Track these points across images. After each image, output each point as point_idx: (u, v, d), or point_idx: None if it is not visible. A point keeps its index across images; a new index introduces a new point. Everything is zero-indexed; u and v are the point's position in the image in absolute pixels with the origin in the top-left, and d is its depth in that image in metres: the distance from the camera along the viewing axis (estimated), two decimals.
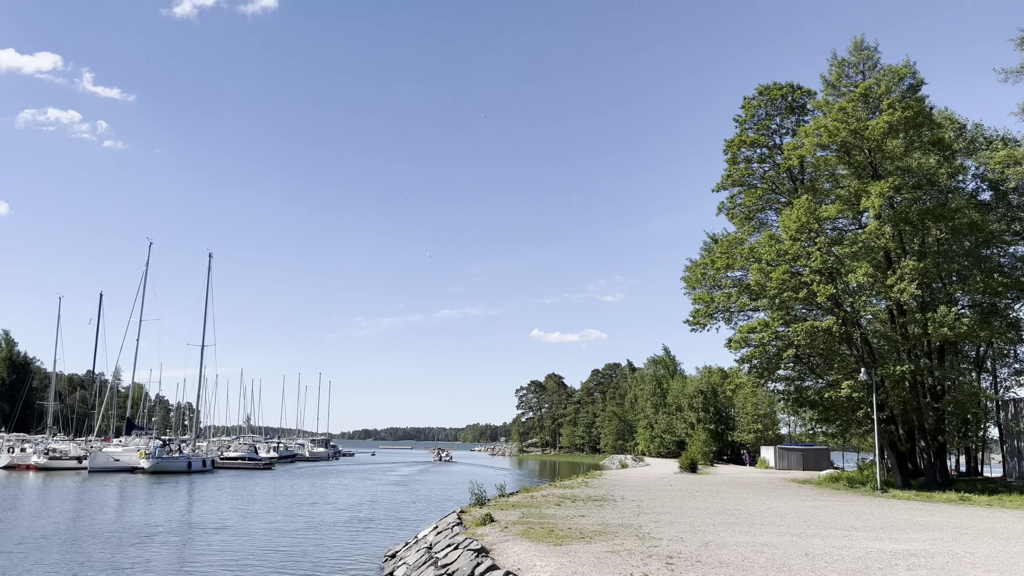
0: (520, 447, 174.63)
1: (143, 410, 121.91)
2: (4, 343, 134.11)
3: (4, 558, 19.38)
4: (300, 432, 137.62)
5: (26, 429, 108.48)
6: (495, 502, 23.94)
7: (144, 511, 32.67)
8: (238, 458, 75.51)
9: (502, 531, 15.81)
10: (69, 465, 61.77)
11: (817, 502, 25.64)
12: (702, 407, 78.68)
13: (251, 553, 20.79)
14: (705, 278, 38.07)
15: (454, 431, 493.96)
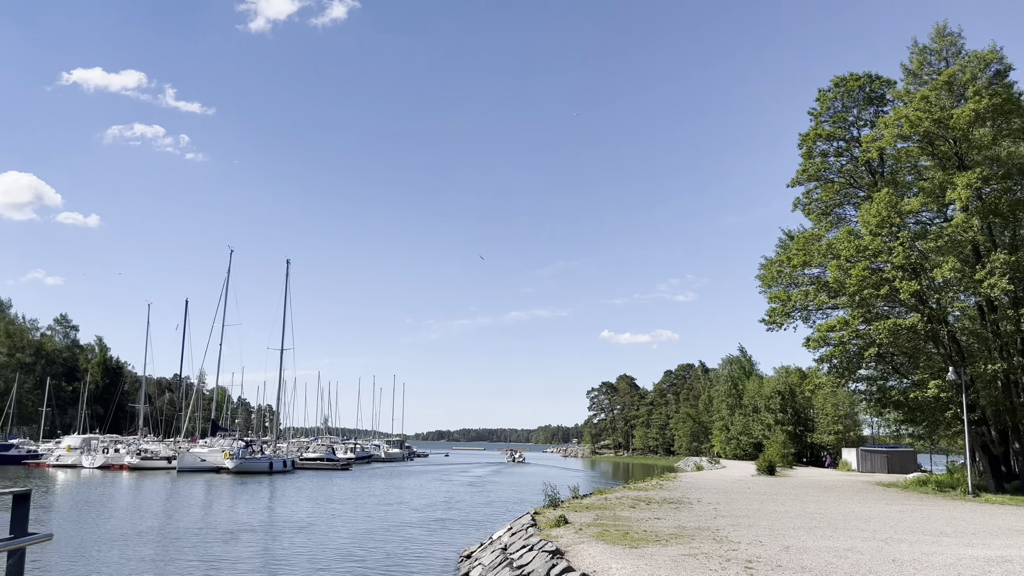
0: (592, 449, 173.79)
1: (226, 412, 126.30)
2: (98, 349, 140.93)
3: (104, 553, 20.40)
4: (376, 433, 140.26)
5: (119, 430, 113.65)
6: (569, 504, 23.94)
7: (230, 510, 33.89)
8: (317, 459, 77.43)
9: (576, 533, 15.82)
10: (160, 465, 64.46)
11: (904, 506, 24.75)
12: (779, 408, 76.83)
13: (331, 552, 21.33)
14: (781, 276, 37.18)
15: (526, 432, 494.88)
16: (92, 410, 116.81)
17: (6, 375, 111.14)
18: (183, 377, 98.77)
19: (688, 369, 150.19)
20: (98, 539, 23.12)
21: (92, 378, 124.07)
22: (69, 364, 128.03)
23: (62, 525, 26.24)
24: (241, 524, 27.78)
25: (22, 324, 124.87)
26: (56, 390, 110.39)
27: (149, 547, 21.77)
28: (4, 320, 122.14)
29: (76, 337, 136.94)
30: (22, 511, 5.55)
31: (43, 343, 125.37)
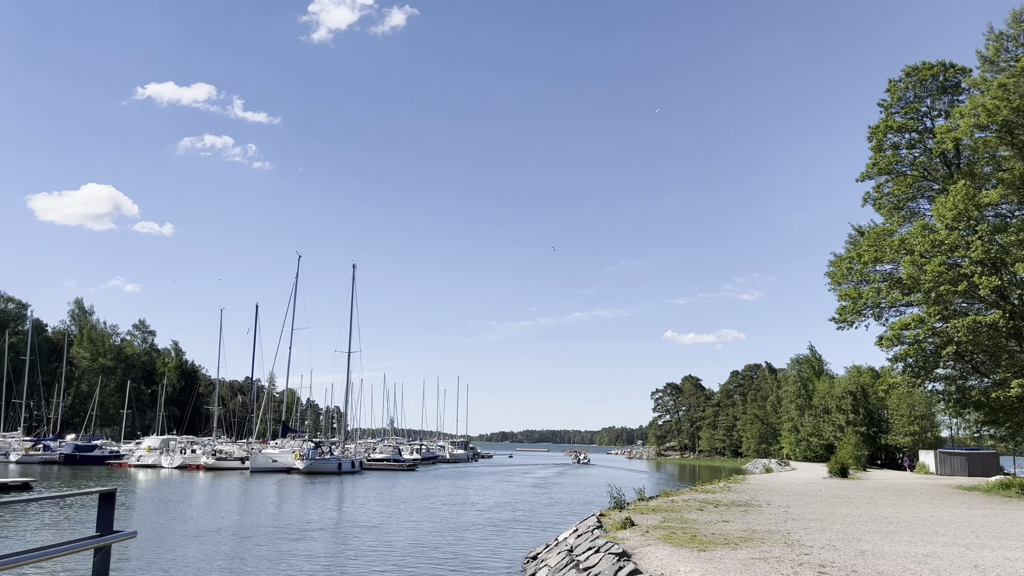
0: (657, 450, 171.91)
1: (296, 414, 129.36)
2: (174, 353, 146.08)
3: (183, 550, 21.13)
4: (440, 434, 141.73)
5: (194, 432, 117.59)
6: (634, 506, 23.74)
7: (300, 509, 34.70)
8: (383, 459, 78.61)
9: (643, 535, 15.68)
10: (233, 465, 66.40)
11: (986, 510, 23.75)
12: (851, 409, 74.65)
13: (399, 551, 21.63)
14: (852, 273, 36.14)
15: (589, 434, 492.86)
16: (169, 412, 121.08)
17: (89, 378, 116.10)
18: (254, 380, 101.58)
19: (755, 369, 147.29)
20: (178, 536, 23.97)
21: (169, 381, 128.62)
22: (147, 368, 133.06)
23: (144, 523, 27.29)
24: (312, 523, 28.42)
25: (104, 330, 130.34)
26: (135, 393, 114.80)
27: (226, 544, 22.47)
28: (87, 326, 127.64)
29: (154, 342, 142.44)
30: (108, 510, 5.79)
31: (123, 348, 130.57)
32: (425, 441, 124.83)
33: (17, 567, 5.03)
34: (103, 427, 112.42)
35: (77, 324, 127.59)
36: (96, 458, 74.14)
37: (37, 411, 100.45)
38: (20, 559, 4.95)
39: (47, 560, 5.08)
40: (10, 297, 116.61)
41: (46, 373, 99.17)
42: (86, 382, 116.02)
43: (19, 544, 21.40)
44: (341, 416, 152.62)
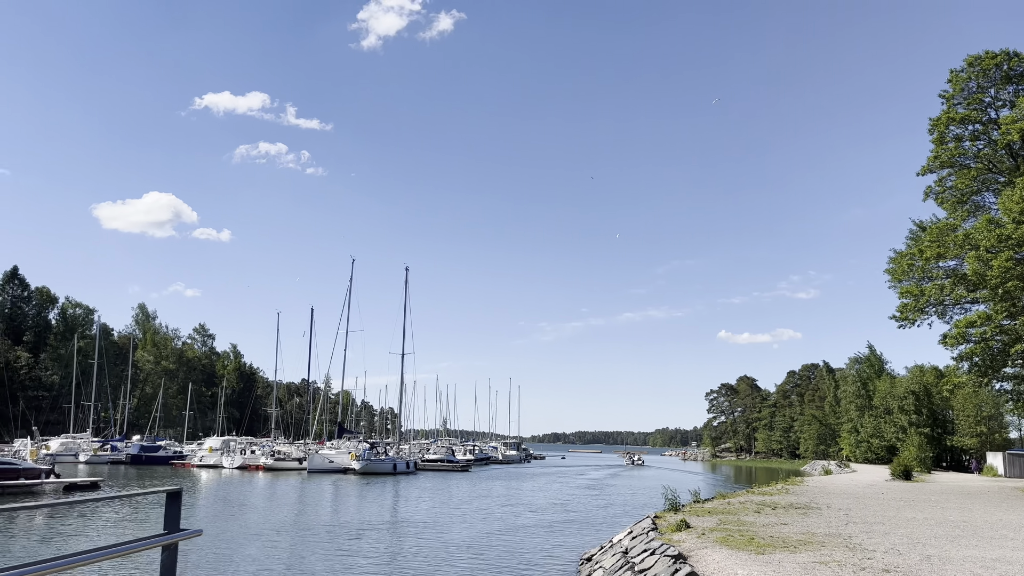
0: (713, 452, 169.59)
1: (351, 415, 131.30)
2: (233, 356, 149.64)
3: (246, 547, 21.64)
4: (492, 435, 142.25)
5: (253, 432, 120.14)
6: (690, 508, 23.49)
7: (357, 508, 35.22)
8: (437, 460, 79.21)
9: (699, 537, 15.51)
10: (291, 466, 67.69)
11: None
12: (914, 409, 72.54)
13: (455, 551, 21.80)
14: (913, 269, 35.14)
15: (643, 435, 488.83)
16: (229, 413, 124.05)
17: (153, 381, 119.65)
18: (310, 382, 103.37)
19: (812, 369, 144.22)
20: (241, 534, 24.57)
21: (228, 383, 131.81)
22: (208, 371, 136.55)
23: (209, 521, 28.04)
24: (369, 522, 28.83)
25: (166, 334, 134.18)
26: (197, 395, 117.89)
27: (287, 542, 22.96)
28: (150, 330, 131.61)
29: (213, 345, 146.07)
30: (175, 508, 5.98)
31: (184, 351, 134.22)
32: (477, 442, 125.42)
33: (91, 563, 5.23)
34: (166, 428, 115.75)
35: (141, 328, 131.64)
36: (161, 458, 76.40)
37: (104, 413, 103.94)
38: (94, 556, 5.16)
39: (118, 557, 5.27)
40: (78, 303, 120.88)
41: (112, 376, 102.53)
42: (150, 384, 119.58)
43: (91, 541, 22.19)
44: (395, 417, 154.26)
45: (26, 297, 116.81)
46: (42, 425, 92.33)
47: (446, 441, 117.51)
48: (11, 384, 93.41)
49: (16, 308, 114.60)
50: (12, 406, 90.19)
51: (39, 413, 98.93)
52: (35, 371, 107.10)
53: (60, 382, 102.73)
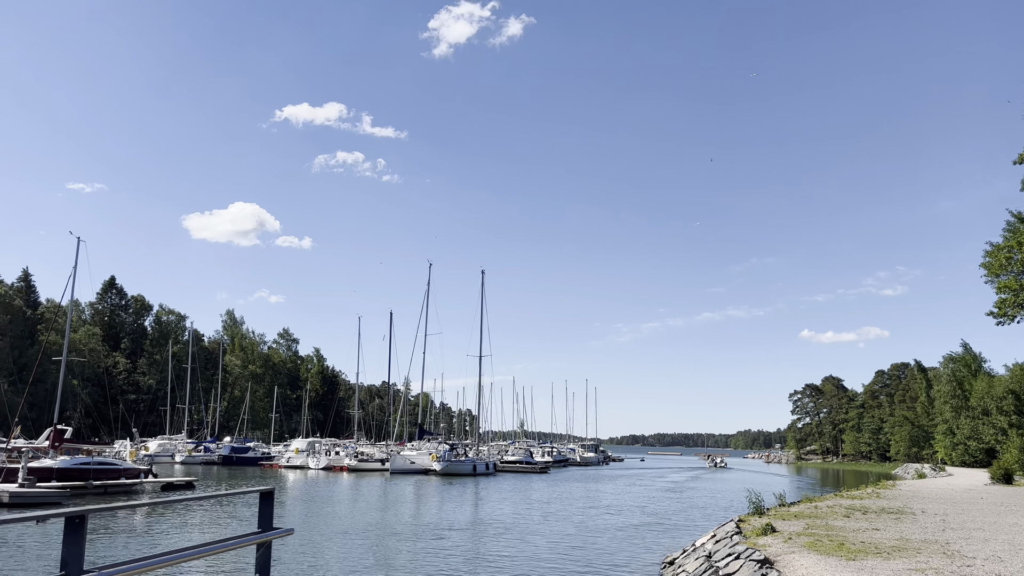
0: (797, 454, 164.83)
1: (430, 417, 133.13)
2: (316, 359, 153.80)
3: (334, 546, 22.24)
4: (570, 437, 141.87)
5: (336, 434, 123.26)
6: (775, 512, 22.93)
7: (439, 509, 35.73)
8: (516, 462, 79.55)
9: (786, 542, 15.13)
10: (374, 467, 69.11)
11: None
12: (1015, 410, 68.82)
13: (536, 552, 21.86)
14: (1012, 263, 33.44)
15: (724, 437, 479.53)
16: (313, 415, 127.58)
17: (241, 384, 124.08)
18: (390, 384, 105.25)
19: (903, 368, 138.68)
20: (330, 533, 25.26)
21: (312, 386, 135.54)
22: (292, 374, 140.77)
23: (298, 520, 28.91)
24: (452, 523, 29.21)
25: (253, 339, 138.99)
26: (282, 398, 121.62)
27: (374, 541, 23.50)
28: (238, 335, 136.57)
29: (297, 349, 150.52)
30: (268, 507, 6.23)
31: (270, 355, 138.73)
32: (555, 444, 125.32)
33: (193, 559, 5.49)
34: (254, 430, 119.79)
35: (229, 334, 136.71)
36: (250, 459, 79.21)
37: (197, 415, 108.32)
38: (195, 552, 5.42)
39: (216, 554, 5.51)
40: (170, 310, 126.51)
41: (203, 380, 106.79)
42: (238, 388, 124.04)
43: (188, 539, 23.16)
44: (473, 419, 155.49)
45: (123, 305, 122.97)
46: (141, 427, 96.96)
47: (523, 443, 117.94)
48: (111, 388, 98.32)
49: (115, 316, 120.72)
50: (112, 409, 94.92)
51: (137, 416, 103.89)
52: (133, 376, 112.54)
53: (156, 386, 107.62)
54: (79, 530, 4.42)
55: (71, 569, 4.34)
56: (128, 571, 4.60)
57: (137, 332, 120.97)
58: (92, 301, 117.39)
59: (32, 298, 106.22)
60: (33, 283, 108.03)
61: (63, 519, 4.44)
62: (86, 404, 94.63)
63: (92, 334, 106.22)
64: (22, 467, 35.06)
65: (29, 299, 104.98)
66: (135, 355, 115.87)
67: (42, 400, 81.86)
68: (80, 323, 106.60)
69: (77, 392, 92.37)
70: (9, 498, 31.91)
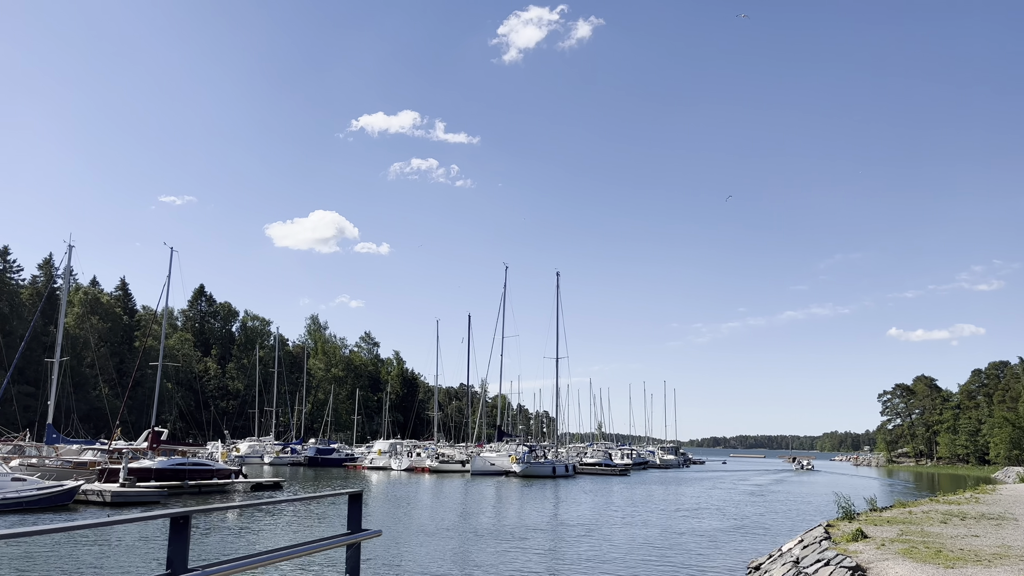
0: (888, 457, 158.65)
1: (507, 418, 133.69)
2: (396, 362, 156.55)
3: (420, 547, 22.62)
4: (649, 439, 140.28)
5: (416, 435, 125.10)
6: (866, 516, 22.17)
7: (520, 510, 35.90)
8: (595, 464, 79.16)
9: (878, 549, 14.61)
10: (455, 468, 69.90)
11: None
12: None
13: (618, 555, 21.74)
14: None
15: (809, 439, 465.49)
16: (393, 417, 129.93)
17: (324, 387, 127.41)
18: (468, 386, 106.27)
19: (1002, 367, 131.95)
20: (414, 533, 25.73)
21: (392, 388, 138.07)
22: (373, 376, 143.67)
23: (384, 521, 29.52)
24: (533, 524, 29.32)
25: (335, 343, 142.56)
26: (364, 400, 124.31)
27: (458, 542, 23.82)
28: (321, 339, 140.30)
29: (377, 352, 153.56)
30: (356, 509, 6.39)
31: (352, 358, 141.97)
32: (634, 446, 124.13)
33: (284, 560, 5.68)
34: (337, 431, 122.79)
35: (313, 338, 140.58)
36: (334, 460, 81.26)
37: (283, 418, 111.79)
38: (287, 553, 5.61)
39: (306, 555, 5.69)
40: (255, 315, 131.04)
41: (288, 383, 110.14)
42: (321, 390, 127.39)
43: (278, 538, 23.93)
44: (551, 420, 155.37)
45: (212, 312, 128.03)
46: (231, 429, 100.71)
47: (602, 445, 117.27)
48: (203, 392, 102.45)
49: (205, 322, 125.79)
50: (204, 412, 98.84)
51: (228, 418, 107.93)
52: (223, 380, 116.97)
53: (244, 390, 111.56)
54: (183, 530, 4.63)
55: (176, 567, 4.55)
56: (228, 570, 4.80)
57: (225, 338, 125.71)
58: (184, 308, 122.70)
59: (129, 306, 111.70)
60: (130, 292, 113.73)
61: (168, 519, 4.67)
62: (180, 407, 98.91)
63: (185, 340, 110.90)
64: (123, 468, 36.90)
65: (127, 307, 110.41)
66: (224, 360, 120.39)
67: (140, 403, 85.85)
68: (173, 330, 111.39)
69: (172, 396, 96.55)
70: (112, 497, 33.61)
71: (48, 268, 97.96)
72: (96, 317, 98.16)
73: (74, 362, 71.96)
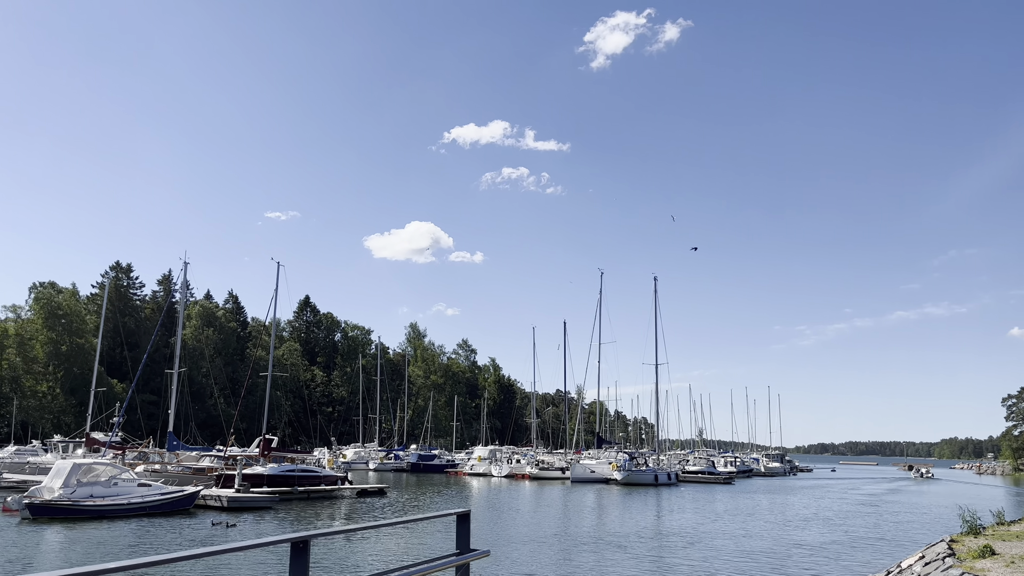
0: (1015, 465, 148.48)
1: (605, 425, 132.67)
2: (492, 369, 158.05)
3: (521, 555, 22.70)
4: (752, 446, 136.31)
5: (515, 442, 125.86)
6: (993, 531, 20.79)
7: (623, 519, 35.57)
8: (698, 472, 77.53)
9: (1008, 567, 13.69)
10: (555, 475, 69.86)
11: None
12: None
13: (724, 568, 21.20)
14: None
15: (925, 446, 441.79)
16: (491, 423, 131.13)
17: (424, 394, 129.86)
18: (564, 392, 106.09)
19: None
20: (519, 541, 25.80)
21: (489, 395, 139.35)
22: (471, 383, 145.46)
23: (487, 527, 29.73)
24: (636, 533, 29.00)
25: (433, 350, 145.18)
26: (462, 406, 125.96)
27: (561, 550, 23.76)
28: (420, 347, 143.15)
29: (475, 359, 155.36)
30: (465, 530, 6.45)
31: (449, 365, 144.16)
32: (737, 453, 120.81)
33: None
34: (436, 438, 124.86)
35: (412, 346, 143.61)
36: (436, 467, 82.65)
37: (386, 424, 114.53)
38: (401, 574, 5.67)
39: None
40: (357, 325, 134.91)
41: (390, 390, 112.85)
42: (421, 397, 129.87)
43: (385, 550, 24.43)
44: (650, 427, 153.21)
45: (317, 322, 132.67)
46: (337, 435, 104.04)
47: (703, 452, 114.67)
48: (309, 400, 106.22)
49: (310, 332, 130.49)
50: (312, 419, 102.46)
51: (333, 424, 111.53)
52: (328, 388, 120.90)
53: (348, 397, 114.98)
54: (303, 554, 4.80)
55: None
56: None
57: (329, 347, 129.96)
58: (290, 319, 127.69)
59: (241, 318, 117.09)
60: (241, 304, 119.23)
61: (289, 544, 4.85)
62: (288, 414, 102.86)
63: (292, 350, 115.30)
64: (238, 474, 38.65)
65: (238, 319, 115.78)
66: (328, 368, 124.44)
67: (251, 411, 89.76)
68: (281, 340, 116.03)
69: (280, 403, 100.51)
70: (228, 502, 35.25)
71: (167, 284, 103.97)
72: (211, 329, 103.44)
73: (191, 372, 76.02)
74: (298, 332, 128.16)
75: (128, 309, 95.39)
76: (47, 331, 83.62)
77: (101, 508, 30.38)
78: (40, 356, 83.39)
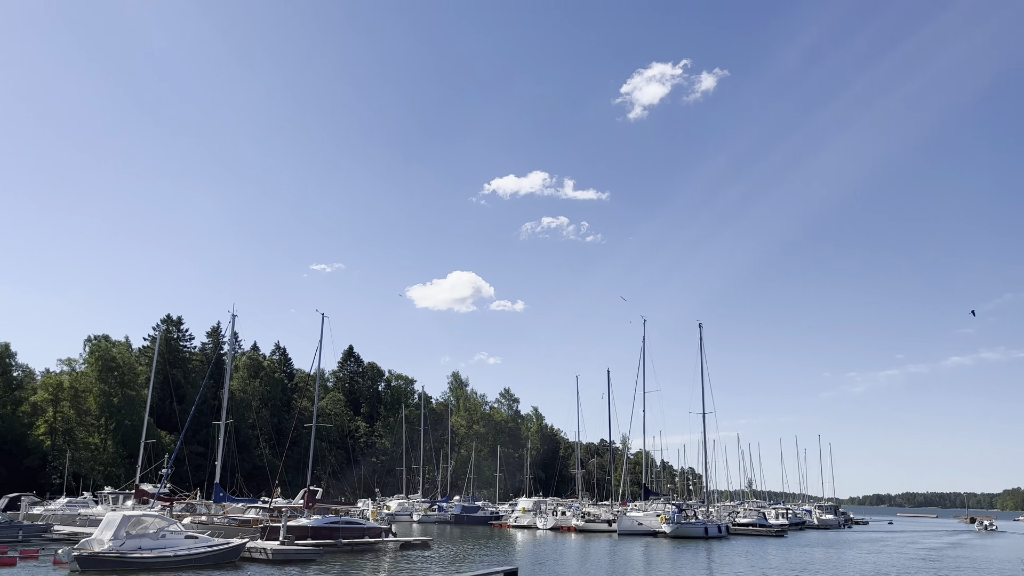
0: None
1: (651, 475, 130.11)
2: (535, 418, 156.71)
3: None
4: (804, 497, 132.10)
5: (559, 493, 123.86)
6: None
7: (673, 574, 34.44)
8: (749, 524, 75.21)
9: None
10: (601, 528, 68.30)
11: None
12: None
13: None
14: None
15: (988, 497, 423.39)
16: (535, 474, 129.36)
17: (466, 444, 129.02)
18: (610, 442, 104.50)
19: None
20: None
21: (532, 444, 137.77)
22: (513, 433, 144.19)
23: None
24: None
25: (476, 399, 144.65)
26: (505, 456, 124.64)
27: None
28: (462, 396, 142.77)
29: (517, 408, 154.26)
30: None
31: (492, 415, 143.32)
32: (788, 504, 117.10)
33: None
34: (479, 488, 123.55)
35: (455, 395, 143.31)
36: (480, 518, 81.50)
37: (429, 474, 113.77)
38: None
39: None
40: (400, 375, 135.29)
41: (433, 440, 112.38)
42: (464, 447, 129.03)
43: None
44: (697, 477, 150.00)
45: (360, 372, 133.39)
46: (380, 486, 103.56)
47: (753, 503, 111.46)
48: (353, 450, 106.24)
49: (354, 382, 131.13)
50: (356, 470, 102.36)
51: (377, 475, 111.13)
52: (371, 438, 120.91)
53: (391, 447, 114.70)
54: None
55: None
56: None
57: (372, 397, 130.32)
58: (334, 369, 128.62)
59: (287, 369, 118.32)
60: (288, 355, 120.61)
61: None
62: (332, 465, 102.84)
63: (336, 400, 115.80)
64: (282, 526, 38.48)
65: (285, 370, 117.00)
66: (372, 419, 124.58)
67: (296, 461, 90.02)
68: (325, 391, 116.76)
69: (325, 454, 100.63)
70: (272, 554, 35.03)
71: (216, 336, 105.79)
72: (257, 380, 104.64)
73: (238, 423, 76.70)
74: (342, 382, 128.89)
75: (177, 361, 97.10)
76: (100, 384, 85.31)
77: (149, 560, 30.42)
78: (93, 408, 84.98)
